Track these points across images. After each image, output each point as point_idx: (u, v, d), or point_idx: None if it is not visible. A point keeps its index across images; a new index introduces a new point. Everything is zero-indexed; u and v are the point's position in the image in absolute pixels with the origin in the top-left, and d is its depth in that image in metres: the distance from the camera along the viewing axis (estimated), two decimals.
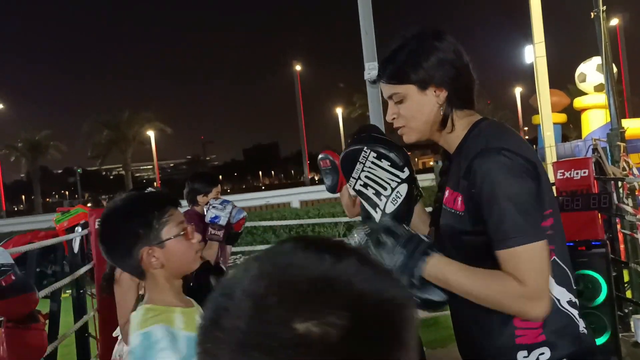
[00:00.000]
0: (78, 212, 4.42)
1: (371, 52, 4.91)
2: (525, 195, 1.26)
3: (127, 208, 1.46)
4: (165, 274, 1.44)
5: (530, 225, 1.25)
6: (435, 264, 1.30)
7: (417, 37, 1.40)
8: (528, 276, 1.23)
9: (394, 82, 1.40)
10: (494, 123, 1.42)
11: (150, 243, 1.41)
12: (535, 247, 1.24)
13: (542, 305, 1.25)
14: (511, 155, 1.28)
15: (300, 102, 37.51)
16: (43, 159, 45.12)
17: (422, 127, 1.42)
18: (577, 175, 3.99)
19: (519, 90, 40.87)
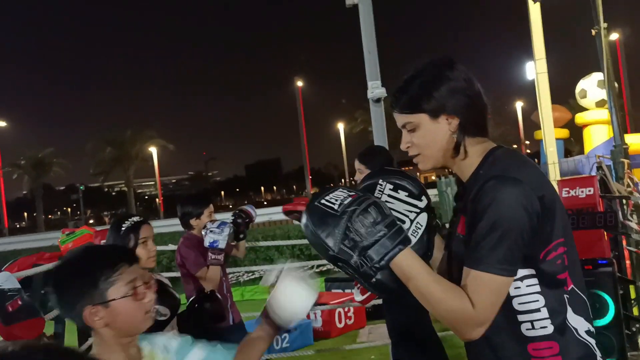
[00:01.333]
0: (83, 233, 4.41)
1: (374, 71, 4.95)
2: (514, 230, 1.28)
3: (76, 263, 1.43)
4: (111, 333, 1.39)
5: (504, 259, 1.28)
6: (407, 257, 1.31)
7: (429, 67, 1.44)
8: (481, 302, 1.28)
9: (406, 112, 1.44)
10: (511, 152, 1.44)
11: (94, 302, 1.36)
12: (499, 280, 1.28)
13: (480, 331, 1.30)
14: (520, 188, 1.29)
15: (302, 117, 37.65)
16: (46, 176, 45.22)
17: (436, 154, 1.45)
18: (583, 193, 3.99)
19: (521, 105, 40.97)
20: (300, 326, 6.17)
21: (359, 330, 6.66)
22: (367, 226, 1.29)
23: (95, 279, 1.37)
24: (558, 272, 1.33)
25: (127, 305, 1.38)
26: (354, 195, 1.34)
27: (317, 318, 6.61)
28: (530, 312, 1.33)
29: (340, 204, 1.31)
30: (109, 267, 1.39)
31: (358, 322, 6.75)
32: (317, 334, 6.44)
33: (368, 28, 4.95)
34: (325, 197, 1.34)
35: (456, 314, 1.29)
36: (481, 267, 1.28)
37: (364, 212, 1.30)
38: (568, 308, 1.32)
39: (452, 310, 1.30)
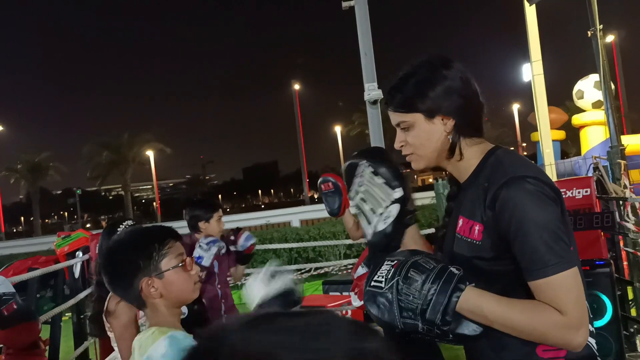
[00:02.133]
0: (79, 236, 4.40)
1: (371, 73, 4.95)
2: (555, 222, 1.25)
3: (129, 240, 1.54)
4: (165, 303, 1.50)
5: (564, 252, 1.23)
6: (469, 298, 1.23)
7: (425, 65, 1.40)
8: (568, 305, 1.21)
9: (401, 111, 1.41)
10: (510, 152, 1.41)
11: (150, 274, 1.48)
12: (571, 274, 1.23)
13: (583, 333, 1.23)
14: (537, 182, 1.27)
15: (299, 120, 37.65)
16: (43, 180, 45.09)
17: (430, 154, 1.42)
18: (579, 194, 3.99)
19: (517, 107, 41.05)
20: None
21: None
22: (415, 291, 1.24)
23: (149, 252, 1.49)
24: None
25: (178, 276, 1.51)
26: (395, 264, 1.29)
27: None
28: None
29: (385, 280, 1.27)
30: (160, 242, 1.51)
31: None
32: None
33: (364, 30, 4.94)
34: (373, 278, 1.31)
35: (550, 329, 1.22)
36: (548, 272, 1.22)
37: (406, 278, 1.25)
38: None
39: (544, 329, 1.22)
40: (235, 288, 11.16)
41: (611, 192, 4.34)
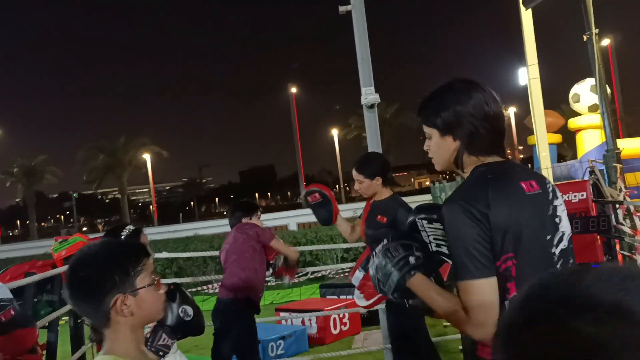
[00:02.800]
0: (76, 240, 4.38)
1: (368, 77, 4.95)
2: (469, 239, 1.51)
3: (105, 254, 1.47)
4: (132, 322, 1.45)
5: (473, 264, 1.50)
6: (415, 282, 1.68)
7: (447, 88, 1.69)
8: (471, 307, 1.51)
9: (424, 123, 1.74)
10: (482, 173, 1.63)
11: (125, 291, 1.43)
12: (476, 283, 1.50)
13: (482, 331, 1.50)
14: (464, 205, 1.53)
15: (296, 124, 37.66)
16: (39, 184, 44.97)
17: (442, 162, 1.74)
18: (576, 198, 4.01)
19: (514, 111, 41.13)
20: (295, 333, 6.15)
21: (354, 336, 6.64)
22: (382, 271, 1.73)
23: (127, 268, 1.44)
24: (505, 281, 1.53)
25: (150, 294, 1.48)
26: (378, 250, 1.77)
27: (312, 324, 6.59)
28: None
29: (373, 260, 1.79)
30: (137, 258, 1.48)
31: (353, 328, 6.73)
32: (312, 341, 6.42)
33: (361, 34, 4.95)
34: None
35: (458, 322, 1.57)
36: (459, 278, 1.53)
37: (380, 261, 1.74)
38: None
39: (455, 320, 1.57)
40: None
41: (607, 195, 4.36)
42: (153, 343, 2.24)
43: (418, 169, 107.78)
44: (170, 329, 2.25)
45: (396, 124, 42.14)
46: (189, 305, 2.29)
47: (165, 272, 11.00)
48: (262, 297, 4.17)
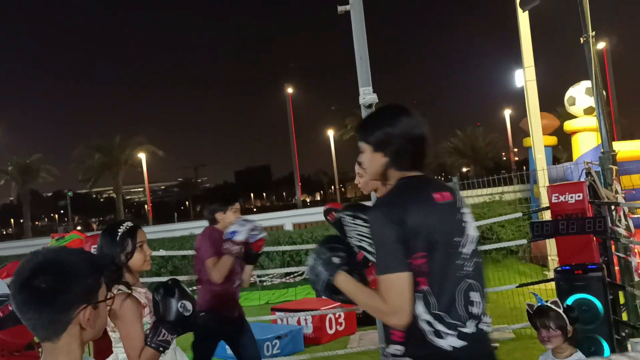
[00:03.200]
0: (73, 238, 4.38)
1: (366, 77, 4.96)
2: (389, 241, 1.79)
3: (76, 261, 1.39)
4: (84, 336, 1.39)
5: (390, 261, 1.79)
6: (338, 280, 1.96)
7: (383, 112, 2.03)
8: (387, 298, 1.78)
9: (361, 140, 2.02)
10: (402, 185, 1.94)
11: (90, 302, 1.37)
12: (393, 276, 1.78)
13: (397, 319, 1.80)
14: (381, 212, 1.85)
15: (292, 124, 37.66)
16: (33, 182, 44.78)
17: (371, 174, 2.01)
18: (572, 199, 4.03)
19: (509, 113, 41.25)
20: (291, 332, 6.15)
21: (350, 336, 6.65)
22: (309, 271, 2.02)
23: (95, 279, 1.39)
24: (418, 275, 1.81)
25: (104, 310, 1.44)
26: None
27: (307, 324, 6.59)
28: None
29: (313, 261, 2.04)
30: (101, 270, 1.44)
31: (349, 328, 6.74)
32: (307, 340, 6.42)
33: (359, 34, 4.96)
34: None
35: (376, 311, 1.88)
36: (380, 272, 1.81)
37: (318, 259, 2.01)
38: (420, 303, 1.82)
39: (372, 307, 1.87)
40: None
41: (603, 197, 4.38)
42: (153, 339, 2.25)
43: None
44: (170, 324, 2.25)
45: None
46: (187, 300, 2.29)
47: (160, 270, 10.98)
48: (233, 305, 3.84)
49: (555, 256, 6.84)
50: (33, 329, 1.35)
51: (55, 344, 1.34)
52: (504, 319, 6.17)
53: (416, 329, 1.83)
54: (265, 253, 11.80)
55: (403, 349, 1.88)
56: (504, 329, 5.49)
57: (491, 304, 7.10)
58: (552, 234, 4.07)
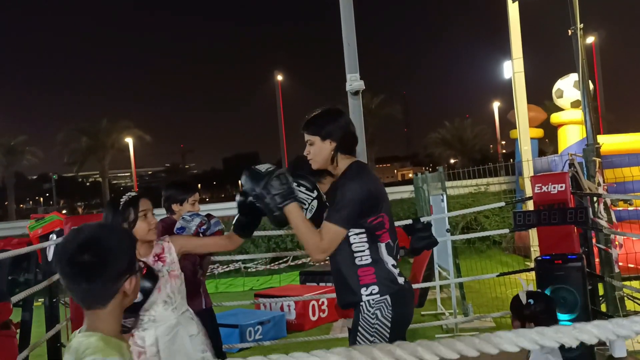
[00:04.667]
0: (53, 219, 4.33)
1: (353, 64, 4.94)
2: (353, 202, 2.37)
3: (119, 235, 1.53)
4: (124, 303, 1.52)
5: (345, 218, 2.37)
6: (294, 208, 2.38)
7: (327, 111, 2.60)
8: (326, 239, 2.37)
9: (309, 133, 2.54)
10: (361, 165, 2.56)
11: (134, 272, 1.51)
12: (339, 229, 2.37)
13: (322, 256, 2.43)
14: (356, 183, 2.42)
15: (281, 112, 37.51)
16: (18, 164, 44.25)
17: (321, 161, 2.53)
18: (554, 189, 4.05)
19: (497, 105, 41.41)
20: (273, 318, 6.16)
21: (333, 323, 6.67)
22: (277, 185, 2.36)
23: (133, 251, 1.54)
24: (377, 230, 2.43)
25: (138, 280, 1.57)
26: (274, 167, 2.40)
27: (290, 311, 6.60)
28: (360, 251, 2.42)
29: (265, 170, 2.39)
30: (135, 243, 1.58)
31: (332, 315, 6.76)
32: (290, 327, 6.44)
33: (348, 20, 4.93)
34: (257, 166, 2.43)
35: (311, 243, 2.38)
36: (330, 219, 2.38)
37: (277, 177, 2.37)
38: (383, 251, 2.44)
39: (310, 240, 2.38)
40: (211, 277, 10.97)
41: (585, 188, 4.41)
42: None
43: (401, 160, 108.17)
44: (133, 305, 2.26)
45: (381, 115, 42.21)
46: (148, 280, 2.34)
47: None
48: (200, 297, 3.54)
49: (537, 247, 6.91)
50: (82, 300, 1.48)
51: (102, 311, 1.47)
52: (484, 308, 6.23)
53: (387, 271, 2.44)
54: (251, 240, 11.78)
55: (378, 289, 2.40)
56: (485, 318, 5.53)
57: (473, 293, 7.18)
58: (534, 223, 4.09)
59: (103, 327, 1.47)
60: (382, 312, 2.40)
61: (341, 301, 2.54)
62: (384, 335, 2.43)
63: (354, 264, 2.43)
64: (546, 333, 0.92)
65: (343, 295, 2.49)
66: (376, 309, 2.40)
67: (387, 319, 2.41)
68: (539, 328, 0.94)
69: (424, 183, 9.50)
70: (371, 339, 2.43)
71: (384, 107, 42.46)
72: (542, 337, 0.91)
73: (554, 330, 0.92)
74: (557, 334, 0.91)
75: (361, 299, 2.40)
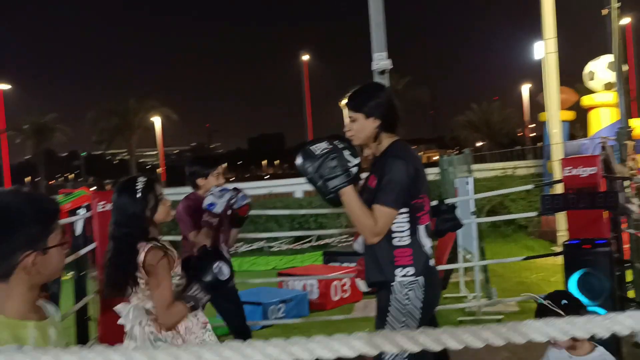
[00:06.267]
0: (81, 194, 4.41)
1: (380, 43, 4.88)
2: (402, 183, 2.37)
3: (24, 205, 1.37)
4: (33, 281, 1.38)
5: (396, 199, 2.36)
6: (349, 191, 2.38)
7: (369, 87, 2.63)
8: (379, 222, 2.36)
9: (352, 110, 2.51)
10: (403, 143, 2.54)
11: (36, 248, 1.36)
12: (392, 210, 2.36)
13: (377, 239, 2.39)
14: (403, 162, 2.40)
15: (307, 93, 37.41)
16: (48, 141, 45.12)
17: (364, 138, 2.50)
18: (585, 172, 3.95)
19: (527, 87, 40.59)
20: (296, 297, 6.21)
21: (355, 303, 6.70)
22: (331, 167, 2.35)
23: (43, 226, 1.38)
24: (418, 212, 2.43)
25: (58, 253, 1.42)
26: (330, 148, 2.38)
27: (313, 290, 6.64)
28: (400, 231, 2.42)
29: (320, 152, 2.37)
30: (53, 216, 1.42)
31: (354, 295, 6.79)
32: (312, 306, 6.48)
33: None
34: (312, 144, 2.43)
35: (366, 226, 2.37)
36: (381, 203, 2.36)
37: (332, 159, 2.35)
38: (422, 233, 2.44)
39: (365, 224, 2.37)
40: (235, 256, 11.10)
41: (617, 172, 4.30)
42: (184, 293, 2.32)
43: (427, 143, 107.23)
44: (204, 284, 2.30)
45: (407, 97, 41.79)
46: (225, 264, 2.33)
47: (171, 231, 11.09)
48: None
49: (564, 232, 6.79)
50: None
51: (5, 285, 1.36)
52: (509, 293, 6.17)
53: (423, 254, 2.44)
54: (274, 219, 11.86)
55: (414, 270, 2.40)
56: (508, 302, 5.49)
57: (497, 277, 7.11)
58: (563, 207, 4.01)
59: (7, 307, 1.35)
60: (415, 293, 2.39)
61: (371, 279, 2.51)
62: (415, 317, 2.41)
63: (391, 244, 2.41)
64: (577, 323, 0.89)
65: (374, 274, 2.46)
66: (409, 290, 2.39)
67: (419, 300, 2.40)
68: (569, 318, 0.91)
69: (450, 165, 9.40)
70: (403, 319, 2.40)
71: (410, 89, 42.01)
72: (573, 326, 0.88)
73: (586, 320, 0.89)
74: (589, 324, 0.87)
75: (393, 279, 2.39)
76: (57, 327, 1.48)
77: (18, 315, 1.36)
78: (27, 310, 1.39)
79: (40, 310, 1.45)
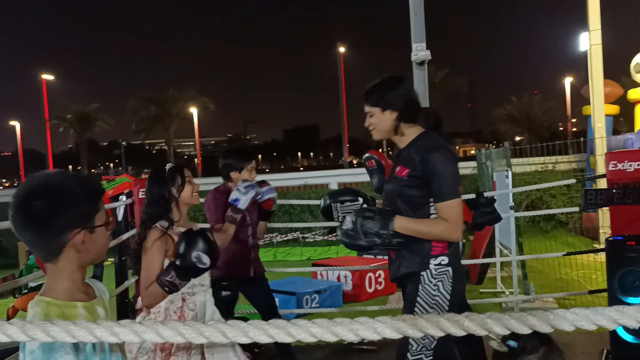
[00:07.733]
0: (123, 181, 4.51)
1: (420, 33, 4.82)
2: (452, 173, 2.38)
3: (73, 185, 1.38)
4: (81, 260, 1.41)
5: (454, 189, 2.37)
6: (399, 222, 2.39)
7: (386, 80, 2.52)
8: (450, 217, 2.35)
9: (368, 105, 2.51)
10: (430, 135, 2.49)
11: (86, 226, 1.38)
12: (457, 201, 2.37)
13: (457, 233, 2.39)
14: (446, 152, 2.39)
15: (343, 85, 37.28)
16: (91, 131, 46.25)
17: (384, 132, 2.51)
18: (631, 167, 3.83)
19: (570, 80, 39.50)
20: (330, 288, 6.23)
21: (389, 296, 6.68)
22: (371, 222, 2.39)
23: (91, 204, 1.40)
24: None
25: (104, 233, 1.45)
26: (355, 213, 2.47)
27: (347, 281, 6.65)
28: None
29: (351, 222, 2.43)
30: (98, 195, 1.45)
31: (388, 288, 6.77)
32: (346, 297, 6.49)
33: None
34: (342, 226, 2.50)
35: (441, 232, 2.37)
36: (445, 199, 2.36)
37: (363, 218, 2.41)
38: None
39: (438, 231, 2.38)
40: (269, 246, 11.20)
41: None
42: (161, 276, 2.31)
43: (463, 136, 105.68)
44: (181, 270, 2.28)
45: (445, 89, 41.20)
46: (207, 253, 2.25)
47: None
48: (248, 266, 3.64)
49: (607, 228, 6.61)
50: (33, 250, 1.38)
51: (55, 265, 1.38)
52: (547, 289, 6.06)
53: (457, 244, 2.48)
54: (309, 210, 11.90)
55: (448, 260, 2.42)
56: (546, 298, 5.38)
57: (535, 273, 6.98)
58: (606, 202, 3.90)
59: (55, 287, 1.37)
60: (444, 284, 2.40)
61: (402, 271, 2.48)
62: (444, 308, 2.40)
63: None
64: (627, 311, 0.86)
65: (408, 263, 2.44)
66: (438, 280, 2.40)
67: (448, 291, 2.41)
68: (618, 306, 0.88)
69: (488, 159, 9.24)
70: (430, 310, 2.39)
71: (448, 81, 41.41)
72: (622, 315, 0.85)
73: (636, 310, 0.87)
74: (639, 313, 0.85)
75: (425, 267, 2.40)
76: (105, 306, 1.51)
77: (67, 296, 1.37)
78: (76, 289, 1.41)
79: (90, 289, 1.48)
